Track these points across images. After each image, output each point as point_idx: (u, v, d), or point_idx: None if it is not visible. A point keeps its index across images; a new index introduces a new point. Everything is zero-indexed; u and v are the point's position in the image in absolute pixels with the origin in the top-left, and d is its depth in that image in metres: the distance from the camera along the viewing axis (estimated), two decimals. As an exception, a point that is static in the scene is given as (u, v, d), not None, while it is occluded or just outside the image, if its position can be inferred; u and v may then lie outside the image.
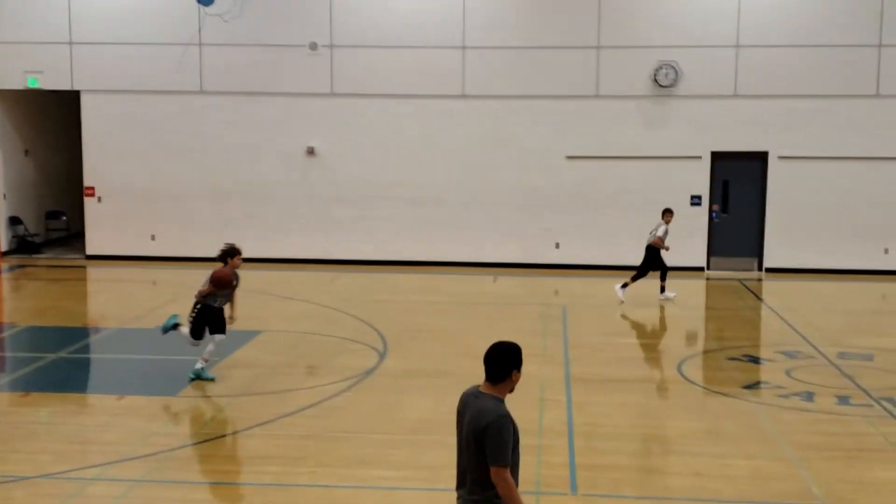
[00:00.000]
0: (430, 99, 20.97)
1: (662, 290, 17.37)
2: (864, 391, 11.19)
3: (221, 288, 11.53)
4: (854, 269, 20.34)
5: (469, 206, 21.14)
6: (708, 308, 17.93)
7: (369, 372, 12.05)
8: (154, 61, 21.23)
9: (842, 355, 13.01)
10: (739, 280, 19.83)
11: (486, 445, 5.01)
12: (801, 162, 20.44)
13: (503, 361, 5.16)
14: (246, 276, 20.33)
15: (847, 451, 9.19)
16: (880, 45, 20.09)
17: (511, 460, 5.08)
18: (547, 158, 20.88)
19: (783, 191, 20.53)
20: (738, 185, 20.96)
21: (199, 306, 11.58)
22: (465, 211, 21.14)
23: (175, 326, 11.89)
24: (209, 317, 11.57)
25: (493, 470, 5.01)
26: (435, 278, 19.73)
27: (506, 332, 14.16)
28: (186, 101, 21.38)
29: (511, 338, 5.41)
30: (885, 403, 10.68)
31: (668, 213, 17.48)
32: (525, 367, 10.12)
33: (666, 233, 17.21)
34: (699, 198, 20.79)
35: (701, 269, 20.79)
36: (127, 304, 16.79)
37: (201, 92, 21.34)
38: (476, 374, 12.11)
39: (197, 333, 11.64)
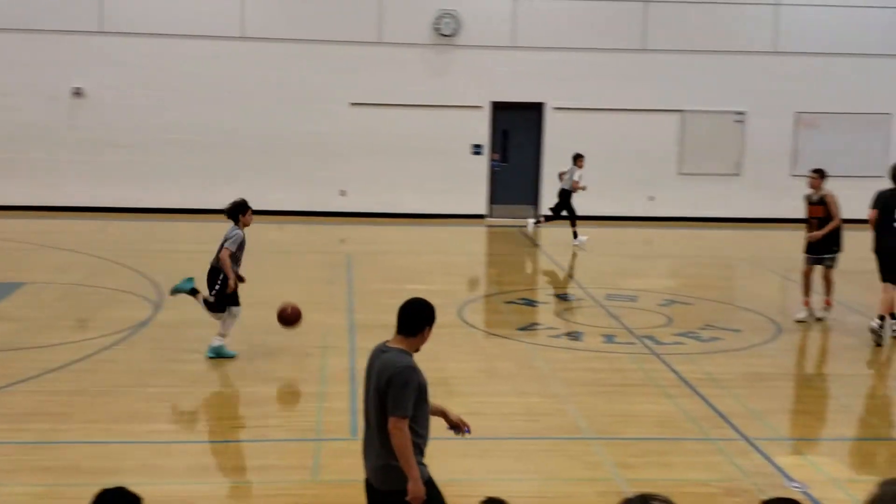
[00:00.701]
0: (207, 39, 20.20)
1: (575, 235, 17.88)
2: (628, 330, 11.89)
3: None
4: (622, 216, 21.49)
5: (251, 152, 20.62)
6: (489, 254, 18.44)
7: (144, 324, 11.59)
8: None
9: (609, 297, 13.75)
10: (518, 227, 20.49)
11: (387, 396, 4.81)
12: (573, 113, 21.27)
13: (418, 313, 5.08)
14: (8, 225, 19.10)
15: (611, 386, 9.74)
16: (647, 1, 21.12)
17: (415, 414, 4.87)
18: (330, 104, 20.66)
19: (558, 141, 21.31)
20: (516, 135, 21.59)
21: (221, 277, 10.16)
22: (247, 157, 20.61)
23: (193, 292, 10.31)
24: (226, 287, 10.17)
25: (391, 420, 4.79)
26: (215, 227, 19.04)
27: (290, 280, 14.03)
28: (-65, 34, 19.58)
29: (296, 286, 5.33)
30: (646, 341, 11.38)
31: (580, 158, 18.05)
32: (309, 316, 9.98)
33: (580, 177, 17.74)
34: (480, 147, 21.26)
35: (482, 216, 21.33)
36: None
37: (-48, 25, 19.60)
38: (257, 322, 11.76)
39: (221, 307, 10.18)
